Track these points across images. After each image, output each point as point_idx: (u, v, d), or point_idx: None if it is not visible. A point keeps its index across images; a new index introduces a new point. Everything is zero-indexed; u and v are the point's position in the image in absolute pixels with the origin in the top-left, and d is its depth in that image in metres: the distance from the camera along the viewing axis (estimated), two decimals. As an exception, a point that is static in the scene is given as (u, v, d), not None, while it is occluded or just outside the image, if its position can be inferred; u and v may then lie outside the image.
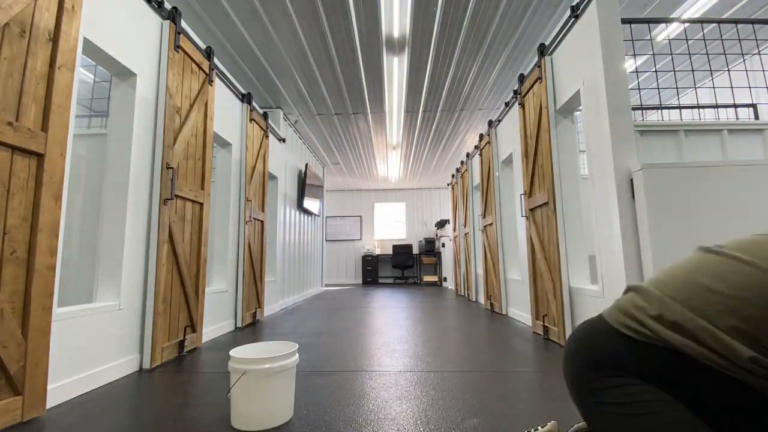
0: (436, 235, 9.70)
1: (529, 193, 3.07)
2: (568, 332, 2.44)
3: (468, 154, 5.72)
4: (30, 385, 1.33)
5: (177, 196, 2.34)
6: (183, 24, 2.51)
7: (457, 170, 6.47)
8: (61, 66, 1.47)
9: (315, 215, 6.81)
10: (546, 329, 2.72)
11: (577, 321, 2.43)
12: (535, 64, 2.93)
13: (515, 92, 3.41)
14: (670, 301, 0.68)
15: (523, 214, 3.16)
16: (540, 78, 2.83)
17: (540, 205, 2.86)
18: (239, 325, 3.36)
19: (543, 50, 2.81)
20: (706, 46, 3.66)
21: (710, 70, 2.96)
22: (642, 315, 0.70)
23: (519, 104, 3.30)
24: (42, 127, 1.41)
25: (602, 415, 0.69)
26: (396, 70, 4.18)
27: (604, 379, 0.70)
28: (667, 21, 2.43)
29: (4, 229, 1.27)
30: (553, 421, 1.06)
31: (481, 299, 5.11)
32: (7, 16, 1.28)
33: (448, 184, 9.19)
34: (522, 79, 3.28)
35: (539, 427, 1.05)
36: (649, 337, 0.67)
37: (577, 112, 2.76)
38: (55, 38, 1.47)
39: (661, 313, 0.68)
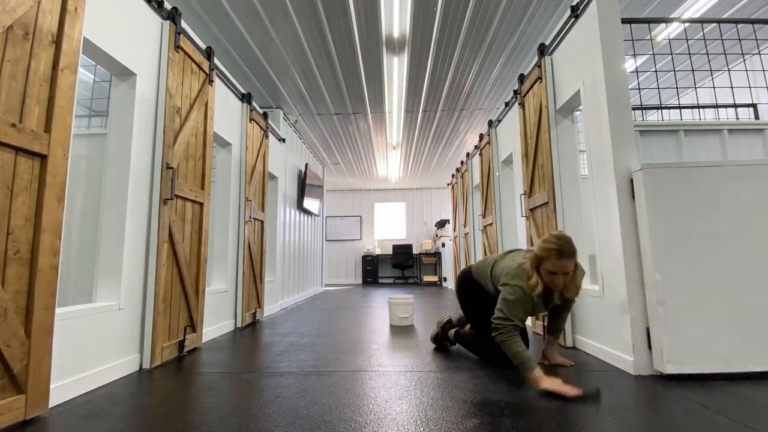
0: (436, 235, 9.70)
1: (529, 193, 3.07)
2: (568, 332, 2.45)
3: (468, 154, 5.73)
4: (33, 384, 1.34)
5: (177, 196, 2.34)
6: (183, 24, 2.51)
7: (457, 170, 6.47)
8: (64, 68, 1.48)
9: (315, 215, 6.82)
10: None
11: (577, 320, 2.44)
12: (535, 64, 2.93)
13: (515, 92, 3.42)
14: (476, 266, 2.19)
15: (523, 214, 3.17)
16: (540, 78, 2.84)
17: (540, 205, 2.87)
18: (239, 325, 3.37)
19: (543, 50, 2.81)
20: (706, 46, 3.67)
21: (710, 70, 2.97)
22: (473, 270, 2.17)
23: (519, 104, 3.30)
24: (45, 128, 1.41)
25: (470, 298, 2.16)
26: (396, 70, 4.19)
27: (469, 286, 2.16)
28: (667, 21, 2.43)
29: (7, 230, 1.27)
30: (448, 314, 2.43)
31: (481, 299, 5.11)
32: (10, 19, 1.28)
33: (448, 184, 9.19)
34: (522, 79, 3.29)
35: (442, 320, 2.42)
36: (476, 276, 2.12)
37: (577, 112, 2.76)
38: (58, 40, 1.47)
39: (477, 271, 2.16)
